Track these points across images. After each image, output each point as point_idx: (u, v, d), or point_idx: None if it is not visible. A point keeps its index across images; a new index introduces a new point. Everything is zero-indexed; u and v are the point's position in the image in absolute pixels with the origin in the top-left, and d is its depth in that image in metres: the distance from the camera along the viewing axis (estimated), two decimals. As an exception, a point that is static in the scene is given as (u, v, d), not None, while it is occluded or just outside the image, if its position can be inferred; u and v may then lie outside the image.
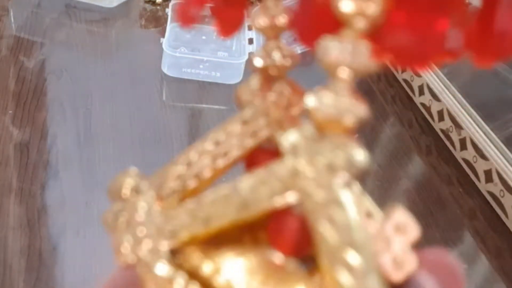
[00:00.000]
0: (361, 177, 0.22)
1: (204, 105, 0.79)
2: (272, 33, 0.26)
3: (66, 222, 0.59)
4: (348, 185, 0.22)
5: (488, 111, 0.77)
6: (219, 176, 0.27)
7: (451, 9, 0.22)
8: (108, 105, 0.75)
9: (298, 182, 0.22)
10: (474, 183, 0.72)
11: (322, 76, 0.22)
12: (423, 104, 0.82)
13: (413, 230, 0.23)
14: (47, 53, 0.84)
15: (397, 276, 0.22)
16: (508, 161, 0.67)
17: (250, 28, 0.90)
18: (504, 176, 0.67)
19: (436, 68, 0.82)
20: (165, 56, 0.80)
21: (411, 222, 0.23)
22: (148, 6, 0.97)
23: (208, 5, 0.28)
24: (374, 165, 0.72)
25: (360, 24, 0.21)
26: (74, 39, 0.87)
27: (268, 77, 0.26)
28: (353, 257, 0.21)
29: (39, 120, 0.72)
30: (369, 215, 0.24)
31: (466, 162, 0.73)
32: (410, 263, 0.23)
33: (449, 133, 0.76)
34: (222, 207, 0.24)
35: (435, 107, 0.79)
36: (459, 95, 0.77)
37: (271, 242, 0.25)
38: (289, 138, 0.23)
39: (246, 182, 0.23)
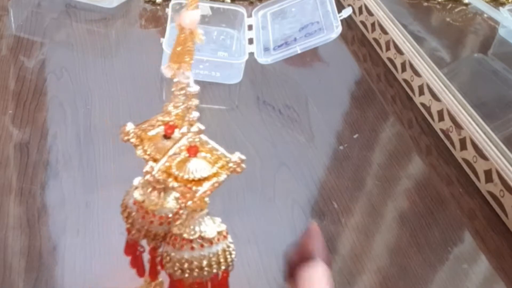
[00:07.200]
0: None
1: (204, 105, 0.79)
2: None
3: (66, 222, 0.59)
4: None
5: (488, 111, 0.77)
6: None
7: None
8: (108, 105, 0.75)
9: None
10: (474, 183, 0.72)
11: (322, 76, 0.22)
12: (423, 104, 0.82)
13: None
14: (47, 53, 0.84)
15: None
16: (508, 161, 0.67)
17: (250, 28, 0.90)
18: (504, 176, 0.67)
19: (436, 68, 0.82)
20: (165, 56, 0.79)
21: None
22: (148, 6, 0.97)
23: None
24: (374, 165, 0.72)
25: None
26: (74, 39, 0.87)
27: None
28: None
29: (39, 120, 0.72)
30: None
31: (466, 162, 0.73)
32: None
33: (449, 133, 0.76)
34: None
35: (435, 107, 0.79)
36: (459, 95, 0.77)
37: None
38: None
39: None
